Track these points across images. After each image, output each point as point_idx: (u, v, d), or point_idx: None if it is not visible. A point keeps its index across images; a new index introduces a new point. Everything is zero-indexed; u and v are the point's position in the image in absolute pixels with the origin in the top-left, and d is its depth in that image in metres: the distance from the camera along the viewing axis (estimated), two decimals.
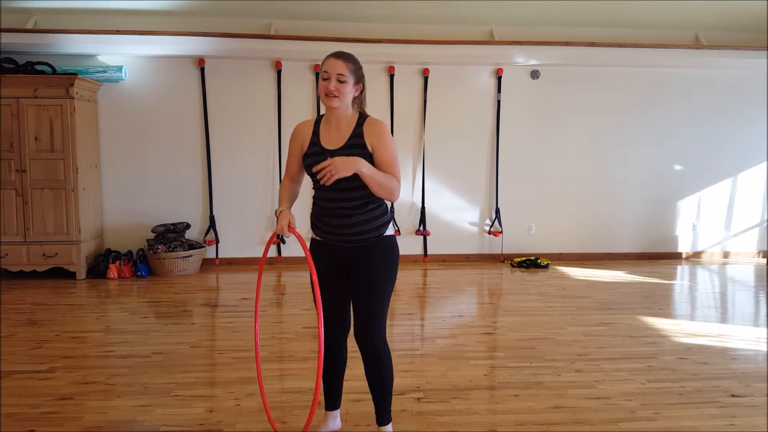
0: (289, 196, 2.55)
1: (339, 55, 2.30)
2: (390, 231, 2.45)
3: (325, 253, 2.45)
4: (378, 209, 2.40)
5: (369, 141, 2.31)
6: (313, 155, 2.37)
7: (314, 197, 2.45)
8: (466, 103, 6.38)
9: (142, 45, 5.70)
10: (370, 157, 2.31)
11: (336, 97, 2.27)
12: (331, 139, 2.36)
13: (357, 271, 2.38)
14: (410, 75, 6.27)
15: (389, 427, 2.56)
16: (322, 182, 2.25)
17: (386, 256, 2.39)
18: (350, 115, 2.37)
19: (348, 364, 2.65)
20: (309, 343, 3.84)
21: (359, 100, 2.40)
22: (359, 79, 2.34)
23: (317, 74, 6.13)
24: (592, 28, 6.28)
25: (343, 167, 2.21)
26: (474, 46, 6.05)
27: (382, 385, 2.48)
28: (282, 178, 2.64)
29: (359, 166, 2.23)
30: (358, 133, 2.32)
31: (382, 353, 2.42)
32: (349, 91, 2.30)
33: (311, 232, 2.53)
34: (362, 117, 2.38)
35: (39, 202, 5.41)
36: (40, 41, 5.53)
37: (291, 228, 2.37)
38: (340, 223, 2.36)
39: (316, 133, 2.40)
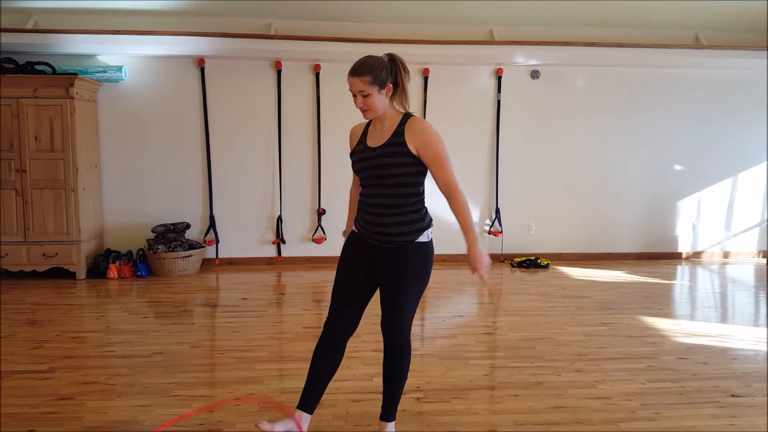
0: (353, 211, 2.65)
1: (354, 72, 2.32)
2: (425, 238, 2.43)
3: (358, 247, 2.48)
4: (414, 214, 2.40)
5: (411, 143, 2.34)
6: (357, 152, 2.45)
7: (360, 193, 2.50)
8: (466, 103, 6.38)
9: (142, 45, 5.70)
10: (409, 156, 2.33)
11: (367, 110, 2.36)
12: (374, 138, 2.42)
13: (387, 269, 2.40)
14: (410, 75, 6.25)
15: (392, 425, 2.56)
16: (482, 277, 2.36)
17: (417, 259, 2.40)
18: (393, 114, 2.41)
19: (347, 364, 2.64)
20: (309, 343, 3.84)
21: (397, 97, 2.42)
22: (384, 82, 2.33)
23: (317, 74, 6.13)
24: (592, 28, 6.28)
25: (482, 262, 2.35)
26: (474, 46, 6.05)
27: (396, 382, 2.48)
28: (351, 185, 2.72)
29: (475, 246, 2.36)
30: (399, 132, 2.36)
31: (404, 350, 2.43)
32: (377, 100, 2.33)
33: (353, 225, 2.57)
34: (406, 116, 2.40)
35: (39, 202, 5.41)
36: (40, 41, 5.53)
37: None
38: (375, 221, 2.40)
39: (365, 133, 2.48)
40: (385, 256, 2.40)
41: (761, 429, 2.72)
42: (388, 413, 2.54)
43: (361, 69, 2.31)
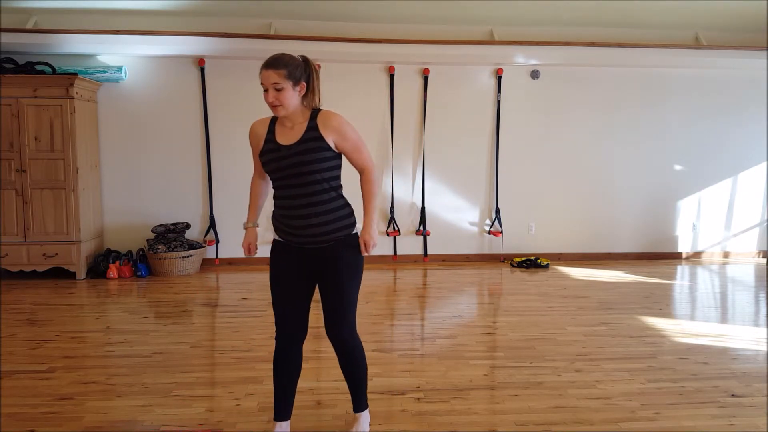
0: (256, 202, 2.64)
1: (269, 65, 2.25)
2: (352, 231, 2.43)
3: (287, 254, 2.44)
4: (340, 210, 2.37)
5: (328, 136, 2.30)
6: (268, 152, 2.36)
7: (274, 197, 2.43)
8: (466, 103, 6.38)
9: (142, 45, 5.70)
10: (327, 150, 2.30)
11: (279, 106, 2.26)
12: (285, 136, 2.34)
13: (323, 271, 2.39)
14: (410, 75, 6.27)
15: (366, 413, 2.63)
16: (365, 253, 2.38)
17: (351, 254, 2.39)
18: (303, 111, 2.34)
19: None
20: (309, 344, 3.81)
21: (309, 97, 2.35)
22: (298, 79, 2.28)
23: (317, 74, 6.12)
24: (592, 28, 6.28)
25: (372, 243, 2.39)
26: (474, 46, 6.05)
27: (357, 376, 2.55)
28: (252, 176, 2.64)
29: (372, 226, 2.40)
30: (312, 127, 2.31)
31: (353, 346, 2.48)
32: (290, 95, 2.26)
33: (274, 233, 2.51)
34: (315, 111, 2.35)
35: (39, 202, 5.41)
36: (40, 41, 5.53)
37: (250, 252, 2.60)
38: (300, 224, 2.34)
39: (271, 131, 2.39)
40: (317, 258, 2.39)
41: (761, 429, 2.72)
42: (359, 404, 2.62)
43: (277, 63, 2.25)
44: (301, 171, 2.27)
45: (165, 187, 6.12)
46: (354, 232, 2.43)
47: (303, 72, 2.30)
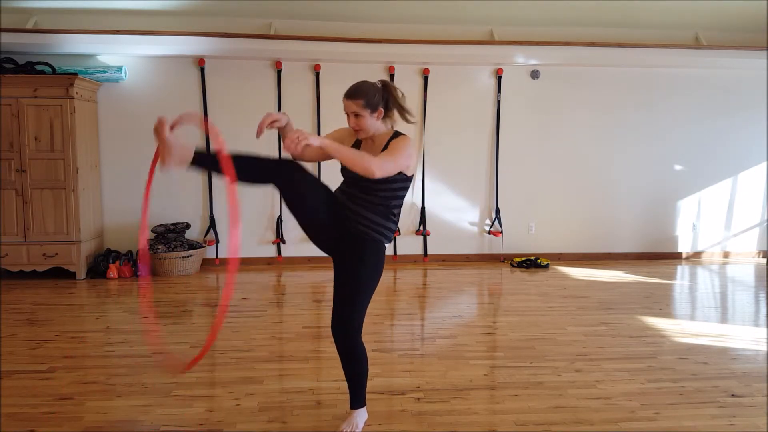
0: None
1: (349, 95, 2.46)
2: (383, 239, 2.58)
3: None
4: (386, 220, 2.53)
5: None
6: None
7: (336, 191, 2.61)
8: (466, 103, 6.38)
9: (142, 45, 5.70)
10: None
11: (359, 130, 2.51)
12: (367, 146, 2.58)
13: (344, 262, 2.54)
14: (410, 75, 6.27)
15: (362, 411, 2.69)
16: (295, 146, 2.19)
17: (373, 257, 2.54)
18: (384, 132, 2.57)
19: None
20: (309, 343, 3.84)
21: (390, 117, 2.59)
22: (376, 106, 2.48)
23: (317, 74, 6.13)
24: (592, 28, 6.28)
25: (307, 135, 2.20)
26: (474, 46, 6.05)
27: (356, 375, 2.63)
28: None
29: (315, 138, 2.25)
30: (389, 142, 2.53)
31: (355, 347, 2.55)
32: (369, 122, 2.49)
33: None
34: (396, 134, 2.56)
35: (39, 202, 5.41)
36: (40, 41, 5.53)
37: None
38: (347, 204, 2.50)
39: (358, 140, 2.63)
40: (346, 241, 2.51)
41: (761, 429, 2.72)
42: (357, 401, 2.67)
43: (356, 93, 2.46)
44: (370, 184, 2.44)
45: (165, 187, 6.10)
46: (381, 239, 2.56)
47: (381, 98, 2.50)
